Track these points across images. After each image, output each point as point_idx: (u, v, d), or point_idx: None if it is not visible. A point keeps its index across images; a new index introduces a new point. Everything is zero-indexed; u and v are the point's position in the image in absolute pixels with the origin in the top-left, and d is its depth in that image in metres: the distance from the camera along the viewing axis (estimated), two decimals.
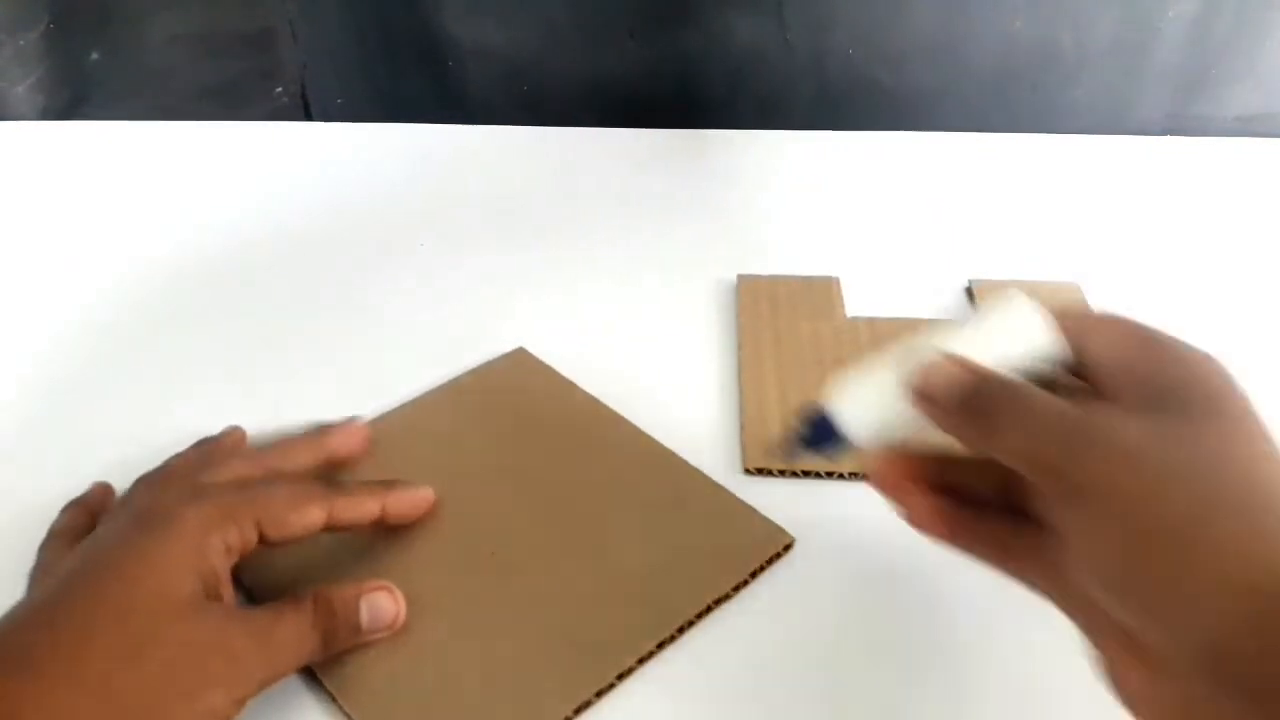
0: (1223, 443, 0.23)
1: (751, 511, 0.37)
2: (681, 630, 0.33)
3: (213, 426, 0.40)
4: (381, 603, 0.32)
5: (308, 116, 0.72)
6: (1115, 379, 0.25)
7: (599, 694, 0.31)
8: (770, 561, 0.35)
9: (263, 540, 0.32)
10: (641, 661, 0.32)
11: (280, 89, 0.71)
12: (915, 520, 0.29)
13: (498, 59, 0.69)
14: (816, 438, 0.29)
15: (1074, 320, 0.26)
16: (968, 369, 0.26)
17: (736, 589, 0.34)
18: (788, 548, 0.36)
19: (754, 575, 0.35)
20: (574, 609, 0.33)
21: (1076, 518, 0.23)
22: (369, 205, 0.61)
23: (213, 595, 0.30)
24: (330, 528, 0.33)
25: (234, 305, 0.52)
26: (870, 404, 0.28)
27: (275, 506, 0.32)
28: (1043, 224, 0.58)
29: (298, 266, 0.55)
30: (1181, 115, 0.68)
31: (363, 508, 0.34)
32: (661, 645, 0.32)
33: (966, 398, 0.26)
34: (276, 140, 0.68)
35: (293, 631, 0.30)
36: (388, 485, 0.36)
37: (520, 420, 0.42)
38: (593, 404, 0.43)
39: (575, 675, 0.31)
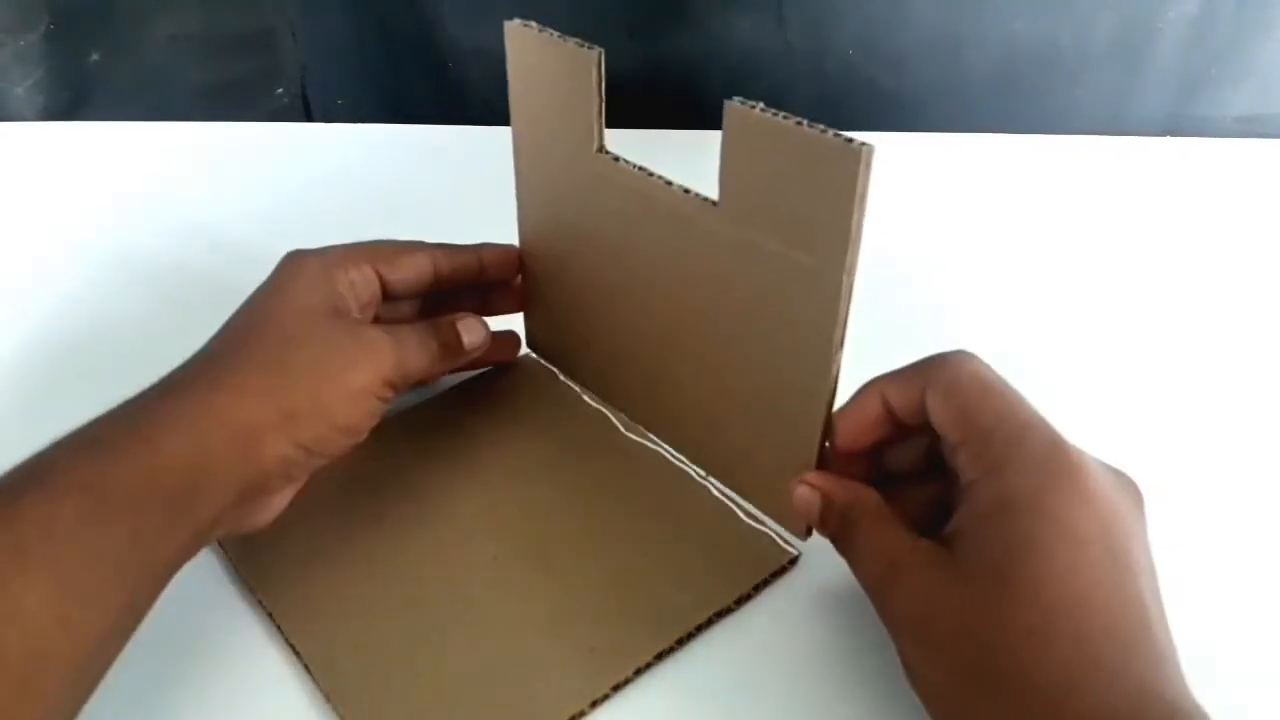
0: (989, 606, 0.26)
1: (757, 524, 0.37)
2: (681, 642, 0.33)
3: None
4: (473, 324, 0.38)
5: (308, 116, 0.72)
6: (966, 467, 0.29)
7: (594, 704, 0.31)
8: (774, 575, 0.35)
9: (384, 287, 0.37)
10: (639, 672, 0.32)
11: (280, 89, 0.71)
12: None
13: (498, 59, 0.69)
14: None
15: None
16: (821, 490, 0.31)
17: (739, 601, 0.34)
18: (793, 561, 0.36)
19: (757, 588, 0.35)
20: (573, 616, 0.33)
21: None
22: (369, 205, 0.61)
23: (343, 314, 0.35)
24: (438, 276, 0.39)
25: (235, 305, 0.51)
26: None
27: (385, 250, 0.38)
28: (1043, 224, 0.58)
29: None
30: (1181, 115, 0.68)
31: (462, 255, 0.40)
32: (660, 656, 0.32)
33: (824, 520, 0.31)
34: (277, 140, 0.68)
35: (416, 336, 0.35)
36: (480, 245, 0.42)
37: (526, 425, 0.42)
38: (599, 411, 0.42)
39: (571, 684, 0.31)
